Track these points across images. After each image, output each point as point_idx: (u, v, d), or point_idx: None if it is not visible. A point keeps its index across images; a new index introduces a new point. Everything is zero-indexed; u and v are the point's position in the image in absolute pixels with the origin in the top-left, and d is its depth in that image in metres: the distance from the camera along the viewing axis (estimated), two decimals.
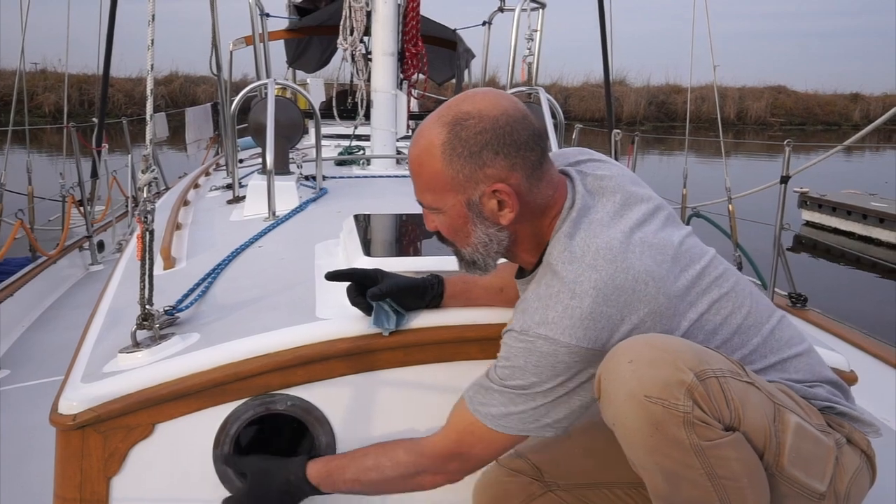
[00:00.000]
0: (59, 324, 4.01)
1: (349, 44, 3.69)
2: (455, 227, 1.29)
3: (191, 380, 1.44)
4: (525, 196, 1.24)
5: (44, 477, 1.49)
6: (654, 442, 1.08)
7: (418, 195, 1.31)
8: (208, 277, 1.92)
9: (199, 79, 25.65)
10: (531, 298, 1.24)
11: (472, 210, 1.25)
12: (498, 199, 1.23)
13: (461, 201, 1.25)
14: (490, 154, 1.21)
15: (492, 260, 1.32)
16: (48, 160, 11.78)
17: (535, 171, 1.25)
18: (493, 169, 1.22)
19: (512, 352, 1.23)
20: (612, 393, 1.12)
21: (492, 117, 1.21)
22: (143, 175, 1.54)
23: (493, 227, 1.27)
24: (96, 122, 6.49)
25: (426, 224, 1.34)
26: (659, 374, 1.08)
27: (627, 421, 1.10)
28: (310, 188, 3.01)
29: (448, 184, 1.24)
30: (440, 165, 1.23)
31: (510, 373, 1.23)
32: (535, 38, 3.66)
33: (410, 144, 1.30)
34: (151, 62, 1.56)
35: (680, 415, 1.06)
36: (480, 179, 1.22)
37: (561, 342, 1.17)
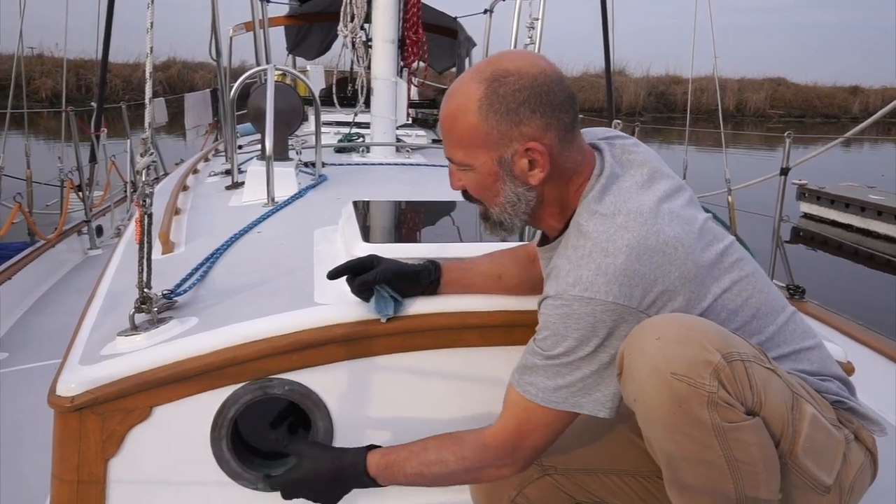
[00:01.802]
0: (57, 307, 4.02)
1: (349, 31, 3.68)
2: (484, 185, 1.29)
3: (189, 363, 1.45)
4: (556, 157, 1.25)
5: (42, 458, 1.49)
6: (675, 420, 1.08)
7: (448, 151, 1.30)
8: (207, 262, 1.92)
9: (196, 65, 25.56)
10: (561, 263, 1.23)
11: (503, 168, 1.25)
12: (530, 157, 1.23)
13: (493, 158, 1.25)
14: (527, 112, 1.21)
15: (518, 220, 1.32)
16: (46, 145, 11.75)
17: (568, 133, 1.25)
18: (528, 127, 1.22)
19: (549, 319, 1.22)
20: (636, 368, 1.11)
21: (531, 75, 1.22)
22: (142, 158, 1.53)
23: (521, 187, 1.27)
24: (95, 106, 6.46)
25: (452, 183, 1.34)
26: (686, 353, 1.07)
27: (650, 397, 1.09)
28: (309, 175, 3.01)
29: (481, 140, 1.24)
30: (475, 121, 1.23)
31: (551, 342, 1.21)
32: (536, 27, 3.64)
33: (444, 100, 1.29)
34: (150, 45, 1.56)
35: (705, 394, 1.06)
36: (515, 137, 1.22)
37: (597, 300, 1.16)
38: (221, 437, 1.50)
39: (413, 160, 3.60)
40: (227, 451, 1.51)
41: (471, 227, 2.17)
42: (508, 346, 1.59)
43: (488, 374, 1.60)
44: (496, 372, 1.60)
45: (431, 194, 2.77)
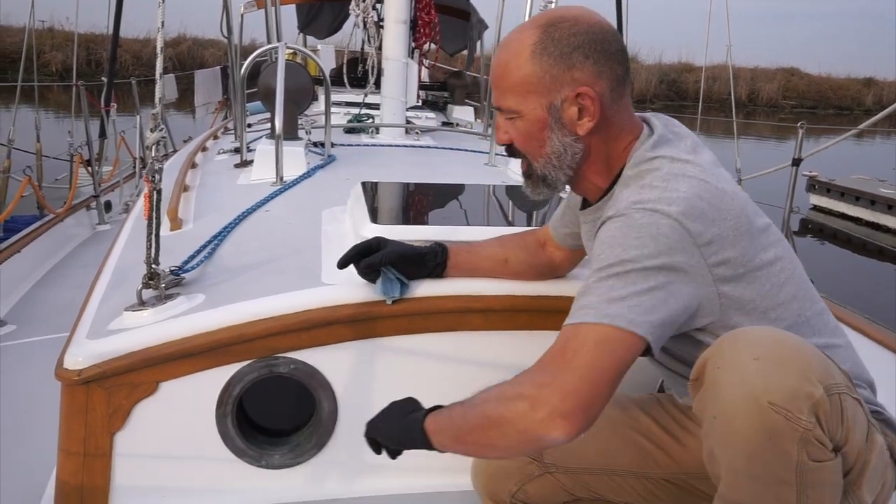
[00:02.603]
0: (65, 281, 4.04)
1: (361, 10, 3.66)
2: (531, 133, 1.27)
3: (195, 340, 1.45)
4: (606, 108, 1.23)
5: (49, 430, 1.50)
6: (760, 450, 1.01)
7: (498, 99, 1.29)
8: (215, 239, 1.92)
9: (207, 42, 25.46)
10: (617, 201, 1.20)
11: (553, 115, 1.24)
12: (580, 105, 1.22)
13: (543, 104, 1.23)
14: (580, 57, 1.20)
15: (563, 175, 1.29)
16: (56, 119, 11.75)
17: (619, 86, 1.24)
18: (580, 73, 1.21)
19: (607, 241, 1.16)
20: (726, 386, 1.02)
21: (587, 23, 1.22)
22: (152, 134, 1.53)
23: (569, 136, 1.25)
24: (105, 81, 6.45)
25: (498, 137, 1.33)
26: (788, 382, 0.99)
27: (738, 422, 1.01)
28: (318, 154, 3.00)
29: (533, 84, 1.23)
30: (528, 65, 1.22)
31: (607, 255, 1.14)
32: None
33: (497, 51, 1.30)
34: (162, 19, 1.55)
35: (800, 430, 0.99)
36: (566, 82, 1.21)
37: (661, 211, 1.13)
38: (226, 414, 1.51)
39: (422, 142, 3.59)
40: (231, 427, 1.52)
41: (479, 210, 2.16)
42: (512, 330, 1.59)
43: (492, 357, 1.61)
44: (500, 356, 1.61)
45: (440, 177, 2.76)
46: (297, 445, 1.58)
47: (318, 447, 1.58)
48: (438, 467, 1.63)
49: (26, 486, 1.72)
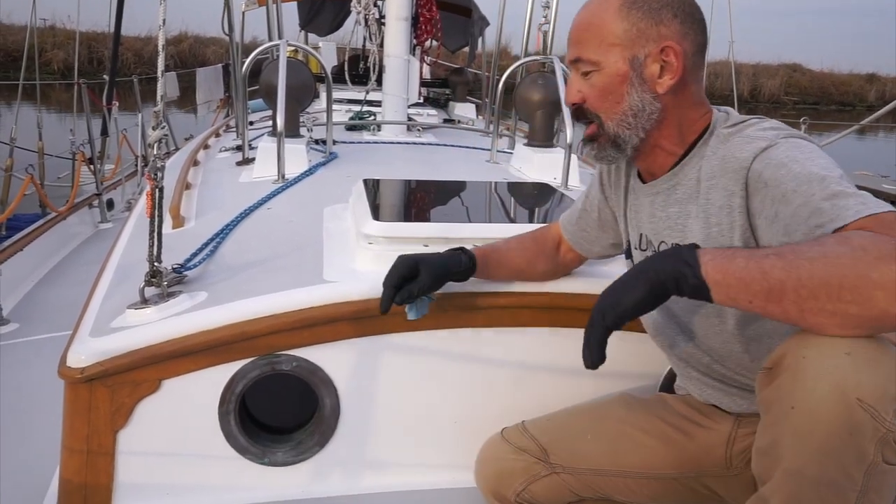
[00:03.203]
0: (68, 280, 4.04)
1: (363, 7, 3.66)
2: (609, 88, 1.25)
3: (198, 337, 1.45)
4: (687, 70, 1.23)
5: (52, 428, 1.51)
6: (838, 446, 0.97)
7: (576, 52, 1.27)
8: (217, 237, 1.92)
9: (208, 40, 25.48)
10: (733, 148, 1.19)
11: (634, 68, 1.23)
12: (663, 62, 1.22)
13: (626, 57, 1.23)
14: (669, 14, 1.22)
15: (636, 136, 1.26)
16: (58, 117, 11.76)
17: (699, 54, 1.25)
18: (667, 29, 1.21)
19: (795, 160, 1.09)
20: (813, 377, 0.97)
21: None
22: (154, 131, 1.53)
23: (648, 94, 1.24)
24: (107, 79, 6.46)
25: (568, 96, 1.30)
26: (879, 381, 0.95)
27: (821, 414, 0.96)
28: (320, 152, 3.00)
29: (619, 37, 1.22)
30: (616, 18, 1.23)
31: (813, 167, 1.07)
32: (551, 7, 3.61)
33: (582, 7, 1.29)
34: (163, 17, 1.55)
35: (882, 430, 0.96)
36: (652, 37, 1.22)
37: (806, 138, 1.15)
38: (229, 412, 1.51)
39: (424, 139, 3.59)
40: (234, 425, 1.52)
41: (481, 206, 2.16)
42: (515, 327, 1.59)
43: (494, 354, 1.61)
44: (502, 352, 1.61)
45: (442, 174, 2.76)
46: (299, 443, 1.58)
47: (320, 444, 1.58)
48: (442, 465, 1.63)
49: (30, 484, 1.72)
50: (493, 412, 1.61)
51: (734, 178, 1.17)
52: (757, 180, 1.13)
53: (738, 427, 1.36)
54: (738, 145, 1.19)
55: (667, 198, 1.31)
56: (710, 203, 1.22)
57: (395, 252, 1.63)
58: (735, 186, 1.17)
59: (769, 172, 1.12)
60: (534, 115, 3.05)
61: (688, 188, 1.27)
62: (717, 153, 1.22)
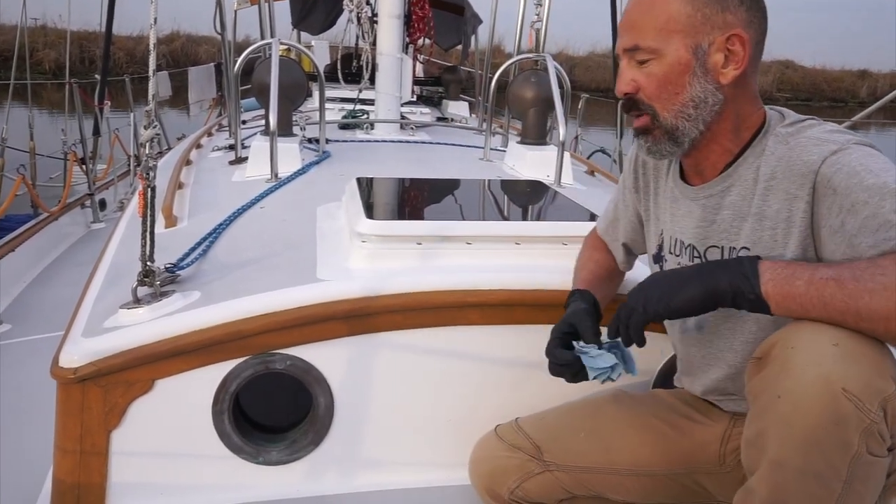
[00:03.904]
0: (60, 280, 4.03)
1: (355, 5, 3.65)
2: (669, 78, 1.18)
3: (191, 337, 1.45)
4: (749, 63, 1.17)
5: (45, 429, 1.50)
6: (822, 435, 0.98)
7: (635, 38, 1.19)
8: (210, 237, 1.92)
9: (201, 38, 25.36)
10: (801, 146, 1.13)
11: (698, 58, 1.16)
12: (727, 51, 1.16)
13: (688, 45, 1.16)
14: (735, 1, 1.15)
15: (696, 129, 1.20)
16: (49, 117, 11.71)
17: (761, 43, 1.19)
18: (733, 16, 1.15)
19: (866, 169, 1.06)
20: (799, 366, 0.99)
21: None
22: (146, 131, 1.52)
23: (711, 84, 1.17)
24: (98, 79, 6.43)
25: (620, 85, 1.23)
26: (864, 372, 0.97)
27: (806, 404, 0.98)
28: (312, 151, 3.00)
29: (681, 23, 1.15)
30: (679, 3, 1.16)
31: (884, 178, 1.04)
32: (543, 5, 3.61)
33: None
34: (155, 16, 1.54)
35: (866, 421, 0.97)
36: (718, 24, 1.15)
37: (875, 146, 1.11)
38: (223, 411, 1.51)
39: (417, 137, 3.58)
40: (228, 424, 1.52)
41: (474, 204, 2.16)
42: (509, 324, 1.59)
43: (488, 352, 1.61)
44: (496, 350, 1.61)
45: (435, 172, 2.76)
46: (293, 442, 1.58)
47: (314, 443, 1.58)
48: (436, 463, 1.64)
49: (23, 485, 1.72)
50: (486, 410, 1.61)
51: (799, 181, 1.12)
52: (826, 185, 1.08)
53: (734, 426, 1.36)
54: (804, 147, 1.13)
55: (720, 200, 1.24)
56: (766, 206, 1.17)
57: (389, 250, 1.64)
58: (799, 191, 1.12)
59: (839, 179, 1.07)
60: (527, 113, 3.06)
61: (743, 190, 1.21)
62: (776, 153, 1.17)
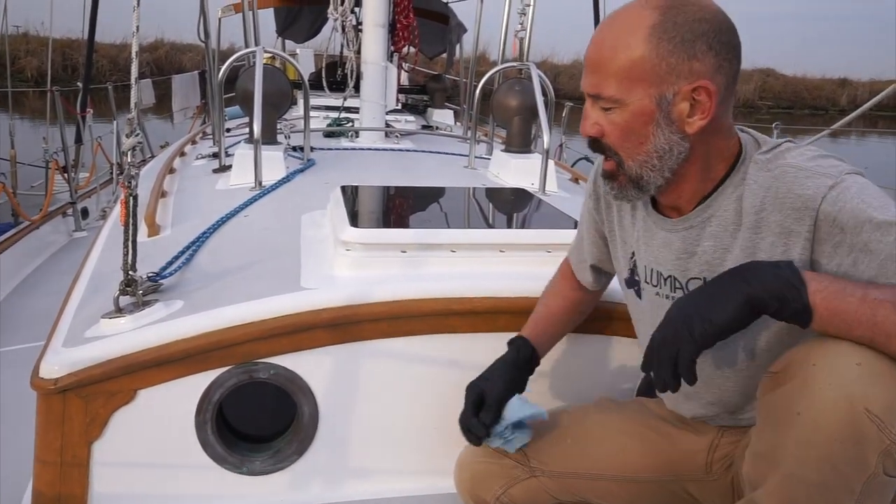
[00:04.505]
0: (42, 289, 3.99)
1: (339, 14, 3.65)
2: (632, 128, 1.13)
3: (174, 346, 1.44)
4: (718, 107, 1.11)
5: (25, 440, 1.48)
6: (841, 454, 0.97)
7: (596, 86, 1.14)
8: (193, 245, 1.91)
9: (185, 46, 25.24)
10: (791, 178, 1.09)
11: (661, 108, 1.11)
12: (693, 100, 1.10)
13: (652, 95, 1.10)
14: (703, 47, 1.08)
15: (661, 178, 1.16)
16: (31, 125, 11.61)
17: (731, 86, 1.13)
18: (701, 64, 1.08)
19: (863, 201, 1.04)
20: (821, 384, 0.98)
21: (713, 10, 1.09)
22: (128, 139, 1.52)
23: (676, 135, 1.12)
24: (81, 86, 6.39)
25: (584, 127, 1.18)
26: (887, 393, 0.96)
27: (827, 422, 0.97)
28: (297, 159, 2.99)
29: (645, 72, 1.09)
30: (643, 49, 1.08)
31: (872, 201, 1.04)
32: (527, 14, 3.62)
33: (601, 27, 1.15)
34: (137, 23, 1.54)
35: (887, 442, 0.96)
36: (684, 74, 1.08)
37: (862, 174, 1.08)
38: (206, 421, 1.49)
39: (402, 146, 3.59)
40: (211, 434, 1.51)
41: (459, 212, 2.16)
42: (493, 332, 1.59)
43: (473, 359, 1.60)
44: (481, 358, 1.60)
45: (420, 180, 2.76)
46: (277, 451, 1.57)
47: (299, 453, 1.57)
48: (422, 470, 1.63)
49: (2, 497, 1.69)
50: None
51: (795, 216, 1.09)
52: (831, 225, 1.06)
53: (722, 436, 1.36)
54: (795, 178, 1.10)
55: (700, 232, 1.21)
56: (759, 238, 1.14)
57: (374, 259, 1.64)
58: (796, 226, 1.10)
59: (846, 218, 1.05)
60: (511, 121, 3.07)
61: (724, 220, 1.18)
62: (759, 181, 1.13)
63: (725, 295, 1.02)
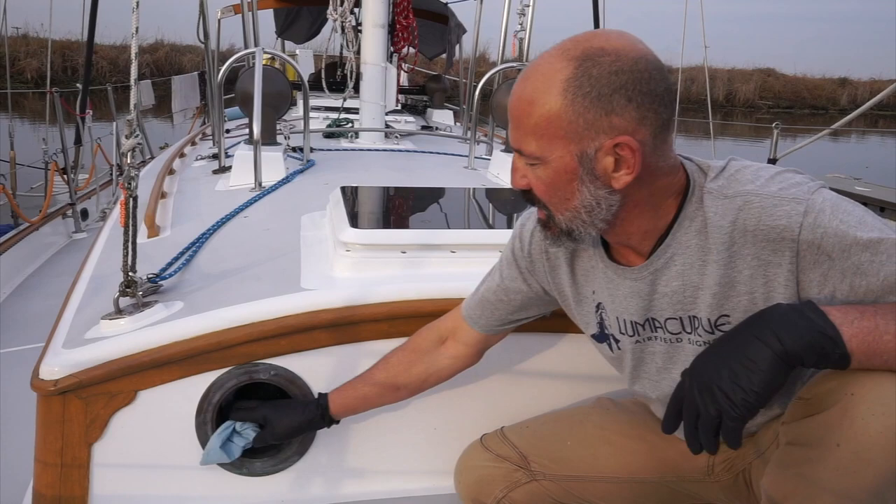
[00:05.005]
0: (42, 291, 3.99)
1: (339, 14, 3.65)
2: (556, 184, 1.09)
3: (173, 347, 1.44)
4: (647, 157, 1.06)
5: (26, 441, 1.48)
6: (884, 485, 0.96)
7: (517, 141, 1.11)
8: (193, 246, 1.91)
9: (185, 48, 25.28)
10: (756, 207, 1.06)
11: (584, 165, 1.06)
12: (616, 156, 1.05)
13: (573, 152, 1.06)
14: (622, 100, 1.02)
15: (593, 229, 1.13)
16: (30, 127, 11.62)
17: (663, 131, 1.07)
18: (620, 118, 1.03)
19: (843, 222, 1.03)
20: (863, 415, 0.96)
21: (631, 58, 1.03)
22: (128, 140, 1.51)
23: (603, 189, 1.08)
24: (80, 87, 6.39)
25: (513, 180, 1.15)
26: None
27: (872, 454, 0.95)
28: (297, 160, 2.99)
29: (563, 129, 1.05)
30: (558, 106, 1.04)
31: (860, 230, 1.02)
32: (526, 14, 3.63)
33: (518, 81, 1.10)
34: (136, 25, 1.54)
35: None
36: (603, 129, 1.03)
37: (826, 186, 1.07)
38: (206, 422, 1.49)
39: (402, 146, 3.59)
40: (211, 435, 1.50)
41: (459, 213, 2.16)
42: None
43: None
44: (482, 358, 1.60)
45: (420, 180, 2.76)
46: (278, 452, 1.57)
47: (299, 453, 1.57)
48: (422, 471, 1.63)
49: (2, 499, 1.69)
50: (472, 418, 1.61)
51: (771, 248, 1.07)
52: (816, 253, 1.04)
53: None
54: (762, 207, 1.06)
55: (666, 271, 1.17)
56: (734, 272, 1.10)
57: (374, 259, 1.63)
58: (774, 257, 1.07)
59: (830, 244, 1.03)
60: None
61: (688, 257, 1.14)
62: (722, 214, 1.09)
63: (760, 356, 0.96)
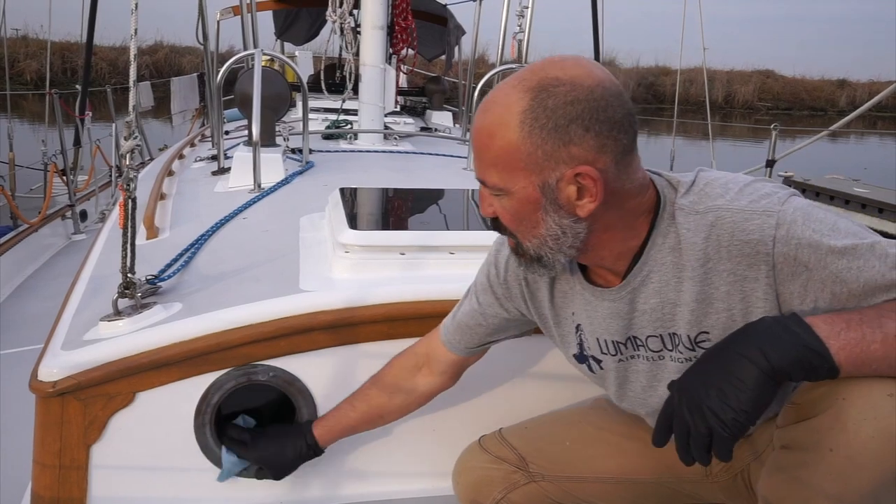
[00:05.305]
0: (41, 292, 3.99)
1: (338, 16, 3.65)
2: (521, 214, 1.10)
3: (172, 349, 1.44)
4: (611, 183, 1.05)
5: (24, 443, 1.48)
6: (881, 490, 0.96)
7: (480, 173, 1.11)
8: (192, 248, 1.91)
9: (184, 49, 25.28)
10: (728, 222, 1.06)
11: (546, 195, 1.06)
12: (579, 184, 1.04)
13: (534, 183, 1.05)
14: (579, 130, 1.02)
15: (563, 256, 1.12)
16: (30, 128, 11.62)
17: (626, 156, 1.06)
18: (579, 148, 1.02)
19: (804, 237, 1.03)
20: (855, 419, 0.96)
21: (586, 87, 1.02)
22: (126, 142, 1.51)
23: (568, 218, 1.08)
24: (80, 89, 6.39)
25: (481, 208, 1.15)
26: None
27: (865, 459, 0.96)
28: (296, 161, 2.99)
29: (522, 161, 1.04)
30: (516, 138, 1.03)
31: (837, 237, 1.03)
32: (525, 16, 3.63)
33: (478, 112, 1.10)
34: (135, 26, 1.54)
35: None
36: (563, 159, 1.03)
37: (798, 195, 1.09)
38: (205, 424, 1.49)
39: (401, 148, 3.59)
40: (210, 437, 1.51)
41: (458, 214, 2.16)
42: None
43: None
44: (479, 360, 1.60)
45: (419, 182, 2.76)
46: None
47: None
48: (421, 472, 1.63)
49: (2, 500, 1.69)
50: (470, 419, 1.61)
51: (746, 262, 1.06)
52: (793, 265, 1.04)
53: None
54: (735, 224, 1.07)
55: (643, 289, 1.17)
56: (711, 288, 1.10)
57: (372, 261, 1.63)
58: (750, 271, 1.07)
59: (806, 255, 1.03)
60: None
61: (664, 275, 1.14)
62: (695, 230, 1.09)
63: (747, 374, 0.96)
